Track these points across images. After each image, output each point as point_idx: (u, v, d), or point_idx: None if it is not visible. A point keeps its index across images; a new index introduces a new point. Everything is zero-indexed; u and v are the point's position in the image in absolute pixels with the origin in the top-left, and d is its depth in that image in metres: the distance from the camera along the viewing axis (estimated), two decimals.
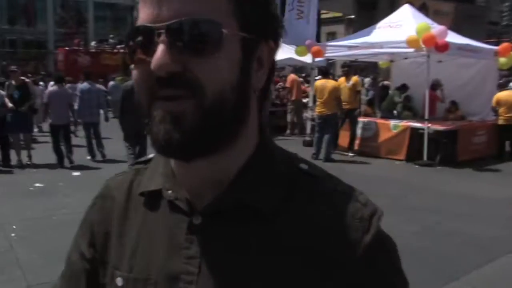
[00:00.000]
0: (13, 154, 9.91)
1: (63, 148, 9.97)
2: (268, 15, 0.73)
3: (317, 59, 12.68)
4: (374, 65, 15.95)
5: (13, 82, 10.06)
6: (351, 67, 12.03)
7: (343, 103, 10.86)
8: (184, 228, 0.74)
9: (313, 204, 0.74)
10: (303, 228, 0.72)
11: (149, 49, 0.66)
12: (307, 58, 13.02)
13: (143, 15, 0.68)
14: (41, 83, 16.74)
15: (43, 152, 10.61)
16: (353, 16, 24.42)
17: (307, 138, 12.11)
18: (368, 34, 11.55)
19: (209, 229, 0.73)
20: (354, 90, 11.19)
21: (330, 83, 10.81)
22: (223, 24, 0.67)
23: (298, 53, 12.81)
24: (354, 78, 11.46)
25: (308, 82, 16.02)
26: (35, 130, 12.70)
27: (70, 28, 46.98)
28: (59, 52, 29.87)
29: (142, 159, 0.90)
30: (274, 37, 0.75)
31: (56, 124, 9.87)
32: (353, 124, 11.19)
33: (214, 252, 0.73)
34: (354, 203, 0.75)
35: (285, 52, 15.30)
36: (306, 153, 10.93)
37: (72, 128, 10.43)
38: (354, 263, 0.71)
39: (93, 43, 33.13)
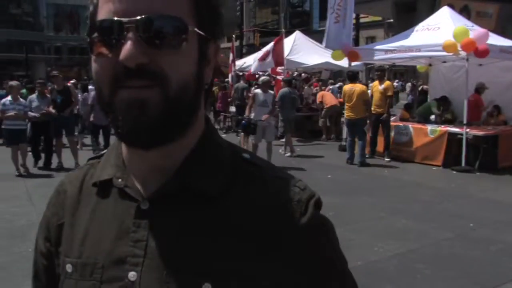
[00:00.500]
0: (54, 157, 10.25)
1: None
2: (218, 16, 0.80)
3: (354, 63, 12.55)
4: (414, 69, 15.64)
5: (55, 87, 10.38)
6: (385, 71, 11.83)
7: (374, 107, 10.79)
8: (133, 213, 0.77)
9: (255, 189, 0.79)
10: (245, 211, 0.77)
11: (116, 42, 0.70)
12: (344, 62, 12.90)
13: (107, 9, 0.71)
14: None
15: (87, 155, 10.86)
16: (391, 20, 24.06)
17: (343, 143, 11.99)
18: (405, 37, 11.33)
19: (156, 214, 0.76)
20: (385, 95, 11.01)
21: (358, 86, 10.78)
22: (187, 22, 0.72)
23: (334, 57, 12.70)
24: (387, 83, 11.29)
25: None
26: (76, 133, 13.08)
27: None
28: None
29: (97, 154, 0.92)
30: (219, 37, 0.81)
31: (97, 124, 10.50)
32: (386, 128, 11.01)
33: (160, 235, 0.76)
34: (292, 187, 0.80)
35: (321, 56, 15.26)
36: (341, 158, 10.88)
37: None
38: (292, 243, 0.76)
39: None
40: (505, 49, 10.15)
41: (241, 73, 18.51)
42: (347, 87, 10.92)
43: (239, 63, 18.83)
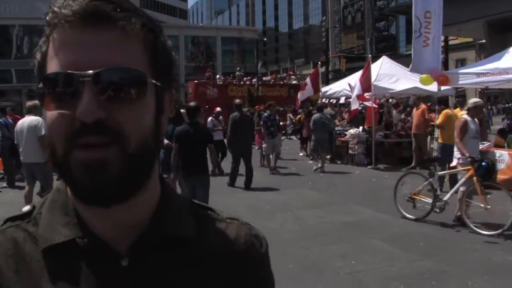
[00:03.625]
0: None
1: None
2: (172, 65, 0.79)
3: (443, 88, 12.10)
4: (510, 91, 14.83)
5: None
6: (465, 96, 11.41)
7: None
8: (113, 272, 0.73)
9: (218, 229, 0.86)
10: (219, 248, 0.84)
11: (71, 96, 0.67)
12: (433, 87, 12.47)
13: (60, 60, 0.68)
14: None
15: None
16: (484, 41, 23.04)
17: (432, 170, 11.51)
18: (499, 59, 10.77)
19: (139, 267, 0.75)
20: None
21: (457, 111, 10.51)
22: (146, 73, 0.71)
23: (422, 82, 12.29)
24: None
25: (434, 111, 15.31)
26: None
27: (199, 62, 50.22)
28: (189, 85, 31.72)
29: (18, 214, 0.81)
30: (173, 85, 0.81)
31: None
32: None
33: (150, 286, 0.76)
34: (245, 225, 0.90)
35: (409, 81, 14.86)
36: None
37: None
38: (255, 268, 0.87)
39: (217, 76, 34.83)
40: None
41: (327, 100, 18.43)
42: (449, 111, 10.62)
43: (324, 89, 18.78)
